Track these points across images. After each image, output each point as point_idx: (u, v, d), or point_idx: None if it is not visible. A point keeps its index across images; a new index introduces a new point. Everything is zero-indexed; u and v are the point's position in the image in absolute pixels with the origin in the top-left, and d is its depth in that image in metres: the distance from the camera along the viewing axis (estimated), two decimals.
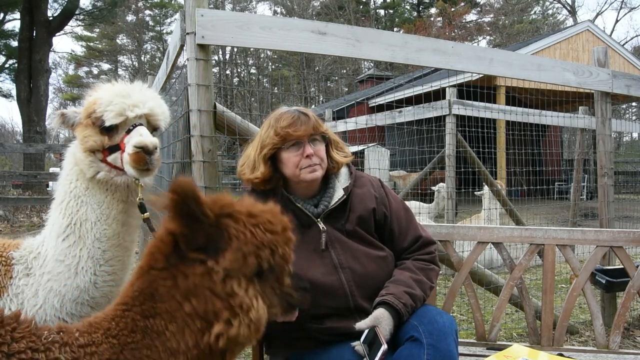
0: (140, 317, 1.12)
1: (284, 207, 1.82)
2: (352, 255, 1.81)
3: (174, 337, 1.10)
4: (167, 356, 1.10)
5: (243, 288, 1.12)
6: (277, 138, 1.79)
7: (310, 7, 35.18)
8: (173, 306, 1.11)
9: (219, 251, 1.10)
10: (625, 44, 29.17)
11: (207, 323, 1.11)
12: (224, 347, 1.12)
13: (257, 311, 1.13)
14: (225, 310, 1.10)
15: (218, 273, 1.09)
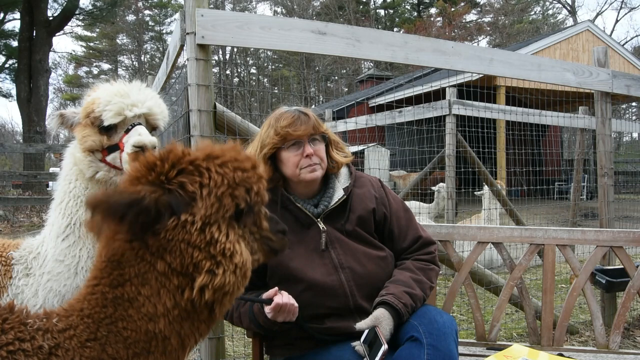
0: (109, 288, 1.06)
1: (284, 207, 1.84)
2: (352, 255, 1.81)
3: (149, 301, 1.05)
4: (145, 323, 1.05)
5: (223, 233, 1.06)
6: (277, 138, 1.79)
7: (311, 7, 35.18)
8: (143, 268, 1.05)
9: (189, 204, 1.04)
10: (625, 44, 29.18)
11: (186, 278, 1.05)
12: (211, 300, 1.06)
13: (241, 255, 1.08)
14: (207, 260, 1.04)
15: (194, 224, 1.03)
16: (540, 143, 11.02)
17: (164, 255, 1.04)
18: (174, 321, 1.07)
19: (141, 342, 1.06)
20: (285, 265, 1.78)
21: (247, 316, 1.75)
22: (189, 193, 1.04)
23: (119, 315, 1.05)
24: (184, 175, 1.05)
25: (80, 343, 1.03)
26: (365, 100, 17.06)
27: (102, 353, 1.03)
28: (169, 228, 1.03)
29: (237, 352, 3.22)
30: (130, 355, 1.05)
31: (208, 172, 1.06)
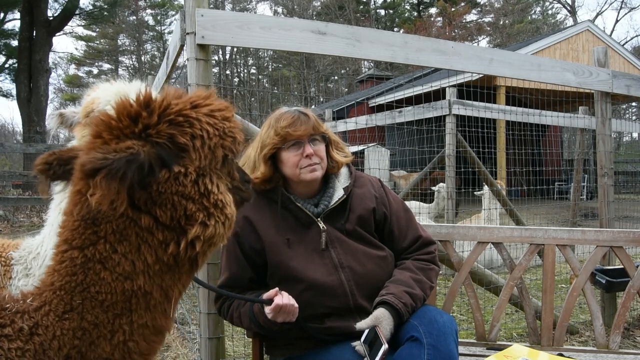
0: (78, 252, 1.01)
1: (284, 207, 1.84)
2: (352, 255, 1.81)
3: (125, 258, 1.00)
4: (121, 283, 1.01)
5: (215, 184, 1.05)
6: (277, 138, 1.79)
7: (311, 7, 35.18)
8: (122, 224, 1.00)
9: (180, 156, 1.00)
10: (625, 44, 29.18)
11: (172, 232, 1.02)
12: (199, 252, 1.04)
13: (230, 206, 1.07)
14: (200, 211, 1.02)
15: (188, 175, 1.00)
16: (540, 143, 11.02)
17: (152, 209, 1.00)
18: (155, 276, 1.03)
19: (119, 302, 1.02)
20: (285, 264, 1.78)
21: (247, 316, 1.75)
22: (180, 145, 1.00)
23: (91, 281, 1.01)
24: (172, 126, 1.00)
25: (58, 317, 1.00)
26: (365, 100, 17.06)
27: (82, 322, 1.01)
28: (161, 181, 0.99)
29: (237, 352, 3.22)
30: (111, 318, 1.02)
31: (199, 123, 1.02)
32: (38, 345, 0.98)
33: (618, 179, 8.95)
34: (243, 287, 1.84)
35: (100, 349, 1.01)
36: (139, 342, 1.04)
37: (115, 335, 1.02)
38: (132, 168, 0.92)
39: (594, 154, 5.81)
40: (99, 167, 0.90)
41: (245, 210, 1.87)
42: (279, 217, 1.83)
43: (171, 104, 1.02)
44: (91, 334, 1.01)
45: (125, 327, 1.03)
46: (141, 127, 0.99)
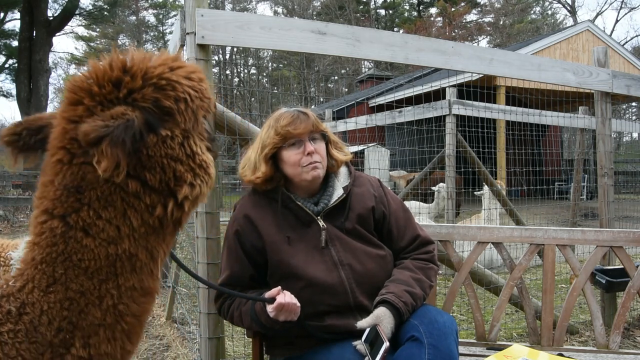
0: (58, 221, 0.99)
1: (284, 205, 1.84)
2: (351, 253, 1.82)
3: (110, 224, 1.00)
4: (105, 249, 1.00)
5: (199, 145, 1.06)
6: (278, 137, 1.80)
7: (311, 7, 35.18)
8: (107, 190, 0.99)
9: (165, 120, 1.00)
10: (625, 44, 29.18)
11: (159, 195, 1.02)
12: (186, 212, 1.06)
13: (212, 166, 1.10)
14: (188, 172, 1.03)
15: (175, 138, 1.01)
16: (540, 143, 11.02)
17: (141, 173, 0.99)
18: (140, 238, 1.03)
19: (104, 267, 1.01)
20: (285, 262, 1.78)
21: (248, 315, 1.75)
22: (165, 109, 1.00)
23: (72, 249, 1.00)
24: (156, 90, 1.00)
25: (43, 292, 0.99)
26: (365, 100, 17.06)
27: (67, 292, 1.00)
28: (150, 145, 0.98)
29: (237, 352, 3.22)
30: (96, 284, 1.01)
31: (180, 86, 1.02)
32: (28, 323, 0.98)
33: (618, 179, 8.94)
34: (244, 285, 1.85)
35: (91, 316, 1.01)
36: (128, 304, 1.04)
37: (103, 301, 1.01)
38: (130, 134, 0.92)
39: (594, 154, 5.81)
40: (103, 135, 0.90)
41: (246, 209, 1.88)
42: (279, 216, 1.84)
43: (150, 67, 1.01)
44: (79, 303, 1.00)
45: (113, 292, 1.02)
46: (125, 92, 0.98)
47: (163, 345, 3.56)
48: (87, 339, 1.00)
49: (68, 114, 0.98)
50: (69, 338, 0.99)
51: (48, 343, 0.98)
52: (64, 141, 0.99)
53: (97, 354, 1.01)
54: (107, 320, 1.02)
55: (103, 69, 0.99)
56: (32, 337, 0.97)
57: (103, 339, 1.02)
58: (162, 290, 4.70)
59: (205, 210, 2.35)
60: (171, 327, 3.83)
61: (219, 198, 2.66)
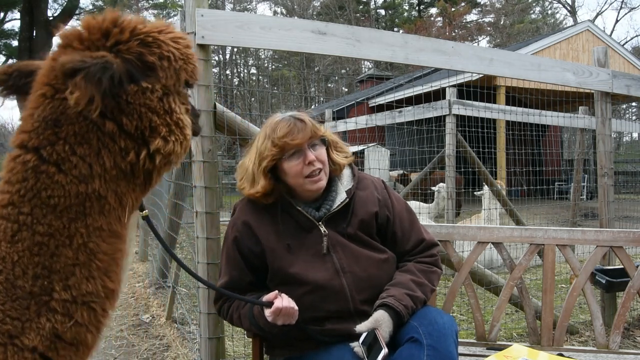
0: (31, 155, 1.00)
1: (285, 211, 1.82)
2: (354, 259, 1.79)
3: (83, 161, 1.02)
4: (76, 186, 1.01)
5: (177, 105, 1.11)
6: (276, 149, 1.75)
7: (311, 7, 35.18)
8: (85, 127, 1.01)
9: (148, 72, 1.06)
10: (625, 44, 29.19)
11: (133, 142, 1.06)
12: (156, 165, 1.09)
13: (188, 128, 1.14)
14: (163, 126, 1.08)
15: (155, 92, 1.06)
16: (540, 143, 11.01)
17: (118, 117, 1.03)
18: (110, 181, 1.05)
19: (73, 206, 1.02)
20: (286, 268, 1.77)
21: (247, 318, 1.75)
22: (148, 63, 1.05)
23: (42, 185, 1.00)
24: (141, 45, 1.05)
25: (9, 243, 0.99)
26: (365, 100, 17.06)
27: (34, 237, 1.00)
28: (130, 93, 1.03)
29: (237, 352, 3.22)
30: (66, 223, 1.02)
31: (166, 46, 1.08)
32: (4, 282, 0.98)
33: (618, 179, 8.94)
34: (242, 290, 1.83)
35: (63, 257, 1.01)
36: (98, 243, 1.05)
37: (73, 240, 1.02)
38: (107, 75, 0.96)
39: (594, 154, 5.81)
40: (79, 68, 0.94)
41: (245, 214, 1.85)
42: (279, 222, 1.81)
43: (139, 25, 1.07)
44: (48, 246, 1.00)
45: (82, 230, 1.03)
46: (113, 42, 1.03)
47: (163, 345, 3.56)
48: (65, 281, 1.01)
49: (56, 55, 1.03)
50: (47, 284, 1.00)
51: (29, 294, 0.98)
52: (49, 77, 1.03)
53: (80, 294, 1.02)
54: (80, 258, 1.03)
55: (95, 20, 1.06)
56: (12, 294, 0.97)
57: (81, 279, 1.02)
58: (162, 290, 4.70)
59: (205, 210, 2.35)
60: (171, 327, 3.83)
61: (219, 198, 2.67)
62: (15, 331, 0.97)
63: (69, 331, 1.01)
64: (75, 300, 1.02)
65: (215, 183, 2.40)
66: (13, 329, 0.96)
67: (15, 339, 0.96)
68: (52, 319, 0.99)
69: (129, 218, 1.12)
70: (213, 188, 2.39)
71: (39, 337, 0.98)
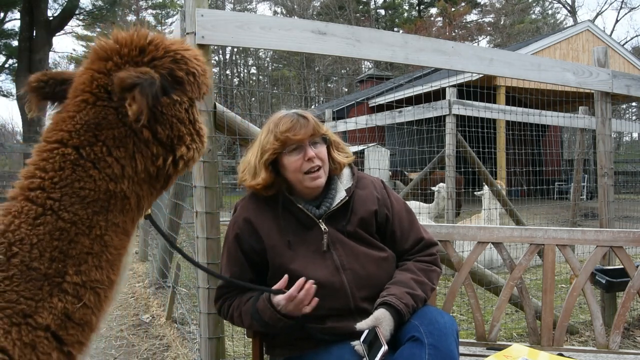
0: (72, 149, 1.10)
1: (285, 208, 1.84)
2: (353, 257, 1.80)
3: (118, 162, 1.12)
4: (106, 183, 1.11)
5: (199, 115, 1.24)
6: (277, 143, 1.78)
7: (311, 7, 35.19)
8: (124, 132, 1.12)
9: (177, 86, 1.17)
10: (625, 44, 29.20)
11: (165, 148, 1.17)
12: (178, 170, 1.21)
13: (206, 136, 1.27)
14: (188, 135, 1.20)
15: (183, 104, 1.18)
16: (540, 143, 11.02)
17: (154, 126, 1.14)
18: (136, 183, 1.16)
19: (100, 200, 1.11)
20: (286, 265, 1.78)
21: (248, 315, 1.75)
22: (177, 78, 1.17)
23: (77, 176, 1.09)
24: (172, 62, 1.17)
25: (31, 225, 1.05)
26: (365, 100, 17.06)
27: (57, 222, 1.06)
28: (164, 105, 1.15)
29: (237, 352, 3.22)
30: (90, 215, 1.10)
31: (191, 62, 1.20)
32: (19, 264, 1.03)
33: (618, 179, 8.94)
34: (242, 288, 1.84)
35: (80, 245, 1.09)
36: (112, 237, 1.14)
37: (92, 230, 1.10)
38: (153, 89, 1.08)
39: (594, 154, 5.81)
40: (136, 83, 1.05)
41: (247, 212, 1.87)
42: (280, 219, 1.83)
43: (168, 43, 1.19)
44: (69, 233, 1.07)
45: (102, 223, 1.12)
46: (149, 58, 1.14)
47: (163, 345, 3.56)
48: (78, 266, 1.09)
49: (97, 67, 1.14)
50: (62, 267, 1.06)
51: (43, 275, 1.04)
52: (92, 86, 1.13)
53: (89, 280, 1.10)
54: (95, 248, 1.11)
55: (130, 37, 1.15)
56: (27, 275, 1.03)
57: (92, 267, 1.10)
58: (162, 290, 4.70)
59: (205, 210, 2.35)
60: (171, 327, 3.83)
61: (219, 198, 2.67)
62: (30, 310, 1.02)
63: (78, 312, 1.08)
64: (85, 285, 1.09)
65: (215, 183, 2.41)
66: (27, 308, 1.02)
67: (29, 318, 1.02)
68: (64, 299, 1.06)
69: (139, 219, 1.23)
70: (213, 188, 2.39)
71: (52, 316, 1.04)
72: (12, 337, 0.99)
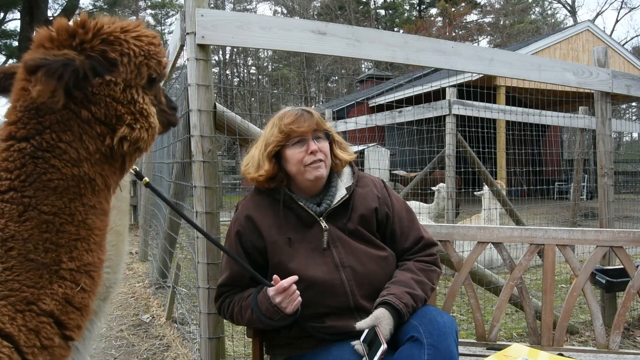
0: (25, 143, 1.11)
1: (286, 206, 1.84)
2: (353, 255, 1.81)
3: (70, 146, 1.14)
4: (70, 169, 1.13)
5: (140, 96, 1.22)
6: (281, 135, 1.81)
7: (311, 7, 35.19)
8: (66, 115, 1.14)
9: (110, 69, 1.17)
10: (625, 44, 29.20)
11: (108, 127, 1.18)
12: (127, 151, 1.21)
13: (154, 117, 1.26)
14: (128, 115, 1.19)
15: (117, 85, 1.18)
16: (540, 143, 11.02)
17: (88, 105, 1.16)
18: (96, 164, 1.18)
19: (71, 187, 1.14)
20: (286, 263, 1.78)
21: (249, 308, 1.75)
22: (110, 59, 1.17)
23: (42, 169, 1.11)
24: (104, 44, 1.17)
25: (18, 222, 1.08)
26: (365, 100, 17.06)
27: (40, 215, 1.10)
28: (95, 85, 1.15)
29: (237, 352, 3.22)
30: (67, 203, 1.13)
31: (127, 44, 1.20)
32: (17, 256, 1.07)
33: (618, 179, 8.94)
34: (244, 285, 1.85)
35: (67, 233, 1.13)
36: (94, 220, 1.18)
37: (74, 217, 1.14)
38: (68, 70, 1.07)
39: (594, 154, 5.81)
40: (40, 65, 1.05)
41: (248, 209, 1.88)
42: (281, 216, 1.84)
43: (104, 26, 1.20)
44: (54, 224, 1.11)
45: (80, 209, 1.15)
46: (78, 41, 1.15)
47: (163, 345, 3.56)
48: (70, 253, 1.13)
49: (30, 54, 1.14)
50: (56, 256, 1.11)
51: (42, 264, 1.09)
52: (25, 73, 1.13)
53: (82, 264, 1.15)
54: (81, 233, 1.15)
55: (64, 23, 1.17)
56: (27, 266, 1.07)
57: (82, 251, 1.15)
58: (162, 290, 4.70)
59: (205, 210, 2.36)
60: (171, 327, 3.83)
61: (219, 198, 2.67)
62: (33, 297, 1.06)
63: (77, 296, 1.13)
64: (79, 270, 1.14)
65: (215, 183, 2.41)
66: (30, 295, 1.06)
67: (32, 305, 1.06)
68: (63, 285, 1.11)
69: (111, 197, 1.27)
70: (213, 188, 2.39)
71: (54, 302, 1.09)
72: (17, 324, 1.03)
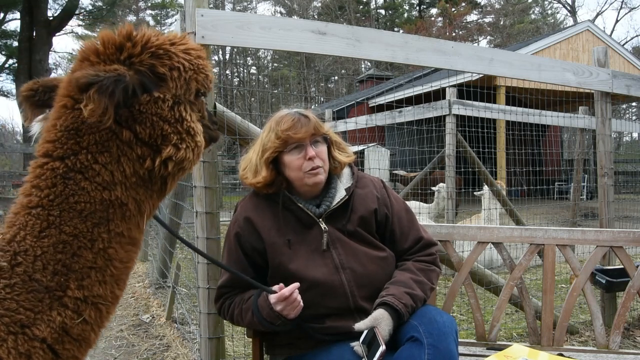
0: (59, 162, 1.07)
1: (286, 207, 1.84)
2: (353, 256, 1.81)
3: (105, 169, 1.08)
4: (100, 193, 1.08)
5: (188, 113, 1.16)
6: (279, 141, 1.79)
7: (311, 7, 35.19)
8: (105, 136, 1.08)
9: (158, 84, 1.12)
10: (625, 44, 29.19)
11: (149, 149, 1.12)
12: (170, 172, 1.15)
13: (200, 135, 1.19)
14: (174, 134, 1.13)
15: (166, 101, 1.12)
16: (540, 143, 11.02)
17: (132, 125, 1.10)
18: (130, 188, 1.12)
19: (97, 212, 1.08)
20: (286, 265, 1.78)
21: (249, 311, 1.75)
22: (159, 74, 1.12)
23: (70, 191, 1.07)
24: (153, 57, 1.12)
25: (35, 237, 1.04)
26: (365, 100, 17.05)
27: (60, 235, 1.05)
28: (143, 103, 1.10)
29: (237, 352, 3.22)
30: (90, 227, 1.08)
31: (176, 57, 1.15)
32: (22, 274, 1.02)
33: (618, 179, 8.94)
34: (243, 287, 1.84)
35: (83, 259, 1.07)
36: (117, 249, 1.11)
37: (95, 244, 1.08)
38: (119, 87, 1.03)
39: (594, 154, 5.81)
40: (92, 82, 1.01)
41: (247, 211, 1.87)
42: (280, 218, 1.83)
43: (151, 38, 1.14)
44: (72, 246, 1.06)
45: (104, 235, 1.09)
46: (126, 55, 1.10)
47: (163, 345, 3.56)
48: (80, 281, 1.07)
49: (75, 68, 1.10)
50: (64, 281, 1.05)
51: (45, 288, 1.03)
52: (69, 89, 1.08)
53: (91, 295, 1.08)
54: (98, 262, 1.08)
55: (110, 35, 1.12)
56: (29, 286, 1.02)
57: (95, 282, 1.08)
58: (162, 290, 4.70)
59: (205, 210, 2.35)
60: (171, 327, 3.83)
61: (219, 198, 2.67)
62: (27, 321, 1.01)
63: (76, 327, 1.06)
64: (86, 300, 1.07)
65: (215, 183, 2.40)
66: (25, 319, 1.01)
67: (26, 329, 1.01)
68: (63, 313, 1.05)
69: (146, 224, 1.18)
70: (213, 188, 2.39)
71: (49, 329, 1.03)
72: (7, 346, 0.98)
